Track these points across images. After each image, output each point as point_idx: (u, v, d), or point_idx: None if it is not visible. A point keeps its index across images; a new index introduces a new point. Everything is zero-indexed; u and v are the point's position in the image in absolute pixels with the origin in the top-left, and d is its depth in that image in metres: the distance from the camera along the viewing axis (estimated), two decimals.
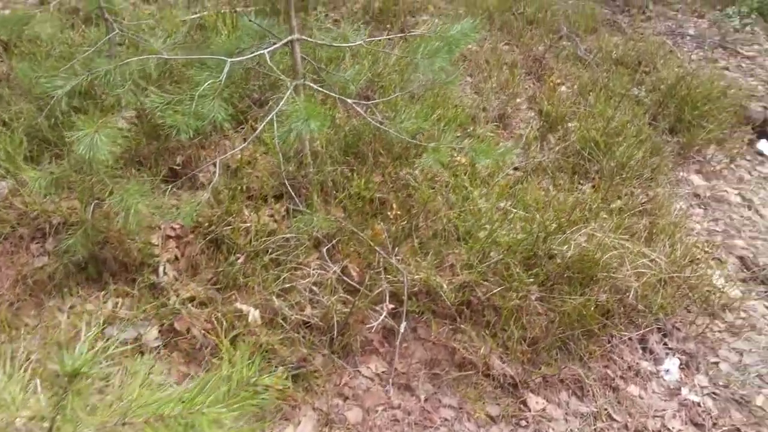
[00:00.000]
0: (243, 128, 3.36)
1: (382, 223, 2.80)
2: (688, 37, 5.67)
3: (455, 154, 3.22)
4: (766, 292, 3.25)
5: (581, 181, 3.50)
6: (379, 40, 3.50)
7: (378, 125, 2.80)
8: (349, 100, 2.81)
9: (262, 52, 2.63)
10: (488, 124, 3.83)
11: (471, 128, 3.69)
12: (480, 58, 4.56)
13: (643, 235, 3.05)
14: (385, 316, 2.40)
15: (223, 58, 2.54)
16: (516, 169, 3.56)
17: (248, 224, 2.63)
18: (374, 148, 3.13)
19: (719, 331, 2.98)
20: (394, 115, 3.10)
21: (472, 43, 3.40)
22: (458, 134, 3.63)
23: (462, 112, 3.63)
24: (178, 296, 2.46)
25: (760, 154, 4.29)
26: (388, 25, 4.89)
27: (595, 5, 5.77)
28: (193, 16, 4.19)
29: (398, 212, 2.86)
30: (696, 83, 4.29)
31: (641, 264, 2.70)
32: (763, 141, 4.35)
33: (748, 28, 6.04)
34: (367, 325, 2.42)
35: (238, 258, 2.50)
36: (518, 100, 4.21)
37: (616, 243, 2.76)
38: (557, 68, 4.57)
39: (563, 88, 4.38)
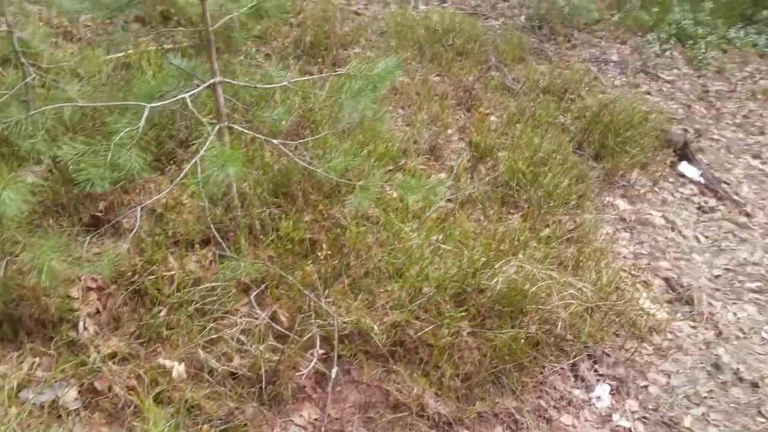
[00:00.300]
0: (170, 170, 3.29)
1: (312, 264, 2.77)
2: (612, 64, 5.89)
3: (387, 188, 3.24)
4: (690, 312, 3.36)
5: (511, 211, 3.56)
6: (306, 80, 3.50)
7: (306, 166, 2.78)
8: (275, 141, 2.79)
9: (182, 96, 2.59)
10: (420, 157, 3.87)
11: (402, 162, 3.71)
12: (411, 90, 4.61)
13: (570, 264, 3.12)
14: (316, 363, 2.37)
15: (141, 104, 2.49)
16: (449, 200, 3.60)
17: (173, 273, 2.56)
18: (304, 187, 3.11)
19: (648, 355, 3.06)
20: (323, 153, 3.10)
21: (396, 79, 3.43)
22: (390, 168, 3.66)
23: (392, 146, 3.65)
24: (98, 353, 2.37)
25: (682, 175, 4.46)
26: (319, 59, 4.91)
27: (522, 35, 5.93)
28: (117, 55, 4.11)
29: (329, 252, 2.84)
30: (619, 110, 4.44)
31: (568, 294, 2.75)
32: (684, 163, 4.53)
33: (667, 53, 6.32)
34: (299, 372, 2.38)
35: (161, 310, 2.43)
36: (449, 131, 4.27)
37: (544, 274, 2.81)
38: (486, 98, 4.66)
39: (493, 118, 4.47)
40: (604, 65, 5.83)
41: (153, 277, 2.59)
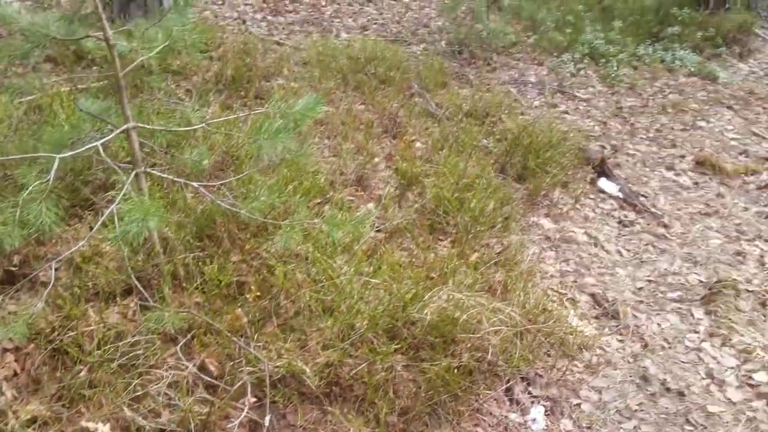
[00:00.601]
0: (88, 216, 3.18)
1: (241, 308, 2.72)
2: (530, 85, 6.09)
3: (315, 223, 3.22)
4: (617, 326, 3.47)
5: (440, 238, 3.60)
6: (225, 120, 3.45)
7: (228, 208, 2.74)
8: (195, 184, 2.75)
9: (95, 144, 2.51)
10: (347, 188, 3.87)
11: (330, 194, 3.70)
12: (336, 119, 4.63)
13: (499, 288, 3.17)
14: (248, 411, 2.31)
15: (50, 155, 2.40)
16: (378, 231, 3.61)
17: (93, 328, 2.46)
18: (229, 228, 3.06)
19: (579, 372, 3.13)
20: (247, 192, 3.06)
21: (318, 115, 3.41)
22: (318, 201, 3.65)
23: (319, 179, 3.65)
24: (17, 419, 2.24)
25: (602, 191, 4.63)
26: (242, 92, 4.86)
27: (443, 60, 6.06)
28: (29, 98, 3.95)
29: (258, 293, 2.79)
30: (538, 131, 4.58)
31: (498, 320, 2.80)
32: (602, 179, 4.71)
33: (582, 72, 6.59)
34: (231, 423, 2.32)
35: (82, 369, 2.33)
36: (376, 159, 4.29)
37: (474, 301, 2.85)
38: (411, 125, 4.72)
39: (418, 144, 4.53)
40: (523, 87, 6.02)
41: (73, 333, 2.48)
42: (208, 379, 2.42)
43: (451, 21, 7.13)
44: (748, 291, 3.75)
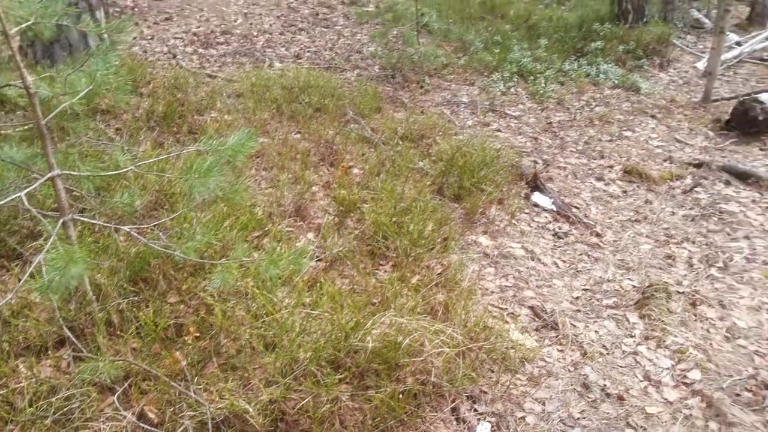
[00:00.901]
0: (17, 265, 3.09)
1: (180, 350, 2.68)
2: (463, 105, 6.23)
3: (253, 257, 3.21)
4: (556, 336, 3.56)
5: (381, 263, 3.64)
6: (155, 161, 3.41)
7: (162, 250, 2.70)
8: (126, 228, 2.70)
9: (18, 195, 2.46)
10: (286, 219, 3.87)
11: (268, 227, 3.70)
12: (272, 150, 4.63)
13: (440, 309, 3.22)
14: None
15: None
16: (319, 260, 3.62)
17: (24, 384, 2.38)
18: (164, 270, 3.02)
19: (522, 385, 3.19)
20: (182, 232, 3.02)
21: (251, 151, 3.41)
22: (257, 234, 3.64)
23: (256, 213, 3.64)
24: None
25: (536, 205, 4.76)
26: (174, 128, 4.82)
27: (377, 85, 6.15)
28: None
29: (197, 334, 2.76)
30: (472, 150, 4.69)
31: (440, 341, 2.84)
32: (536, 194, 4.84)
33: (512, 90, 6.78)
34: None
35: (12, 430, 2.25)
36: (314, 188, 4.32)
37: (416, 324, 2.88)
38: (348, 152, 4.77)
39: (355, 171, 4.58)
40: (456, 107, 6.15)
41: (2, 391, 2.40)
42: (148, 427, 2.37)
43: (383, 46, 7.25)
44: (679, 293, 3.91)
